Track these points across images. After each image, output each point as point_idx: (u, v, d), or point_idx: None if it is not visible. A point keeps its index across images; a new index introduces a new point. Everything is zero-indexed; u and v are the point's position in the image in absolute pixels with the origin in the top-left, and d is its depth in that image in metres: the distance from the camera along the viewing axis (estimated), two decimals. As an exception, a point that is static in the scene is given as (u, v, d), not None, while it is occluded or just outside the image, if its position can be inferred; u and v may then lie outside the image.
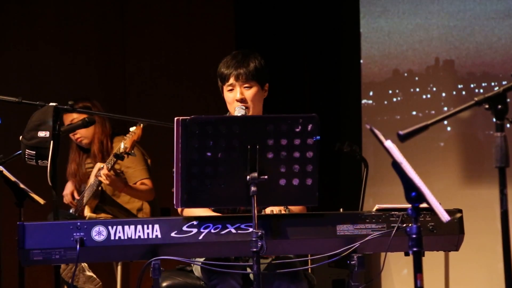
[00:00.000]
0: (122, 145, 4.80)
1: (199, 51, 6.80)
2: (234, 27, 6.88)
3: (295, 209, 3.69)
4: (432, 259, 4.27)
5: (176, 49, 6.87)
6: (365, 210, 4.52)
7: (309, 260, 3.73)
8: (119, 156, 4.82)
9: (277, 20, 6.72)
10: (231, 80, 3.83)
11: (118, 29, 6.89)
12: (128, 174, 5.25)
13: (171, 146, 3.23)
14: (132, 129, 4.80)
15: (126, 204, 5.34)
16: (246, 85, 3.83)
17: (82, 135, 5.37)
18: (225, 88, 3.86)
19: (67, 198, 5.47)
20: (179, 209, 3.63)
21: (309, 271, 4.04)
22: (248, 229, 3.25)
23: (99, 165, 5.18)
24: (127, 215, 5.28)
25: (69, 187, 5.50)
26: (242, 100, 3.81)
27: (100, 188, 5.22)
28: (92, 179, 5.23)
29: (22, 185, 4.22)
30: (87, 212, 5.23)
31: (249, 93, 3.83)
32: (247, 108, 3.81)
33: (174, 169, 3.23)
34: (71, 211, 5.42)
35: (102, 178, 4.95)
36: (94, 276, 4.96)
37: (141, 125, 4.78)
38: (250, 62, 3.84)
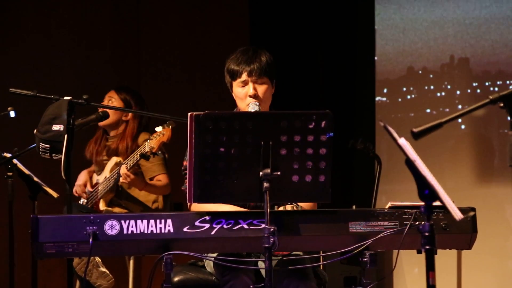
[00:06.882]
0: (147, 145, 4.77)
1: (213, 44, 6.80)
2: (249, 22, 6.88)
3: (305, 205, 3.69)
4: (445, 258, 4.26)
5: (190, 42, 6.88)
6: (378, 207, 4.51)
7: (321, 257, 3.73)
8: (145, 156, 4.78)
9: (292, 16, 6.72)
10: (244, 76, 3.82)
11: (133, 21, 6.90)
12: (144, 168, 5.24)
13: (185, 141, 3.24)
14: (158, 129, 4.75)
15: (141, 198, 5.34)
16: (258, 81, 3.82)
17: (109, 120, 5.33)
18: (236, 84, 3.84)
19: (78, 189, 5.43)
20: (188, 205, 3.63)
21: (321, 267, 4.04)
22: (261, 225, 3.25)
23: (115, 159, 5.17)
24: (142, 208, 5.28)
25: (82, 178, 5.47)
26: (255, 96, 3.81)
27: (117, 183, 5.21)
28: (107, 173, 5.22)
29: (36, 179, 4.24)
30: (102, 206, 5.23)
31: (262, 89, 3.83)
32: (259, 104, 3.80)
33: (188, 164, 3.24)
34: (81, 201, 5.41)
35: (122, 178, 4.95)
36: (107, 272, 4.97)
37: (170, 126, 4.74)
38: (261, 58, 3.83)
